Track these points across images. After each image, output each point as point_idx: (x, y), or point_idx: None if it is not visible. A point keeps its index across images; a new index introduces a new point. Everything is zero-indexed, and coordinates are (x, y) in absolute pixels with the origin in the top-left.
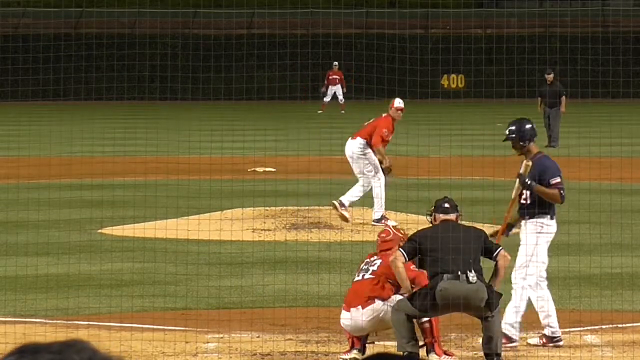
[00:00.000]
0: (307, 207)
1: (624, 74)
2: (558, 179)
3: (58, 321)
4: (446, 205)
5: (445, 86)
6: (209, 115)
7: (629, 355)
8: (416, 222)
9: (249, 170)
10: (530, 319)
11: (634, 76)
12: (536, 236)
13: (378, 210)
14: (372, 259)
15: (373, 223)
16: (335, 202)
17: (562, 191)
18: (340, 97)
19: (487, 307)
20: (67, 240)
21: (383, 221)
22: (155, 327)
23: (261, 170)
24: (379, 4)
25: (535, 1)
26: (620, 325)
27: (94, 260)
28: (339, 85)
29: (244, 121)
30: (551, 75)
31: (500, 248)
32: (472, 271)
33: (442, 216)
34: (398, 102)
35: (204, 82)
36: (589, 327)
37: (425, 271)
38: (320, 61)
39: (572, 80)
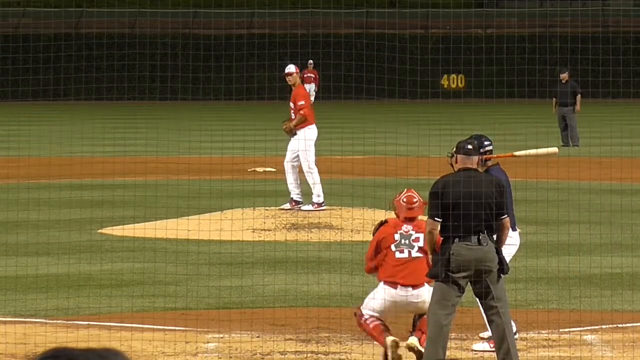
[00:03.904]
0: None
1: (624, 74)
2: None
3: (58, 321)
4: (469, 147)
5: (445, 86)
6: (209, 115)
7: (629, 355)
8: None
9: (249, 170)
10: (530, 319)
11: (634, 76)
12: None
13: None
14: (406, 230)
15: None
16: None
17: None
18: (313, 95)
19: (497, 272)
20: (67, 240)
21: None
22: (155, 327)
23: (261, 170)
24: (379, 4)
25: (535, 1)
26: (620, 325)
27: (94, 260)
28: (312, 84)
29: (244, 121)
30: (566, 74)
31: (505, 216)
32: (484, 232)
33: (463, 158)
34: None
35: (204, 82)
36: (589, 327)
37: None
38: (320, 61)
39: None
